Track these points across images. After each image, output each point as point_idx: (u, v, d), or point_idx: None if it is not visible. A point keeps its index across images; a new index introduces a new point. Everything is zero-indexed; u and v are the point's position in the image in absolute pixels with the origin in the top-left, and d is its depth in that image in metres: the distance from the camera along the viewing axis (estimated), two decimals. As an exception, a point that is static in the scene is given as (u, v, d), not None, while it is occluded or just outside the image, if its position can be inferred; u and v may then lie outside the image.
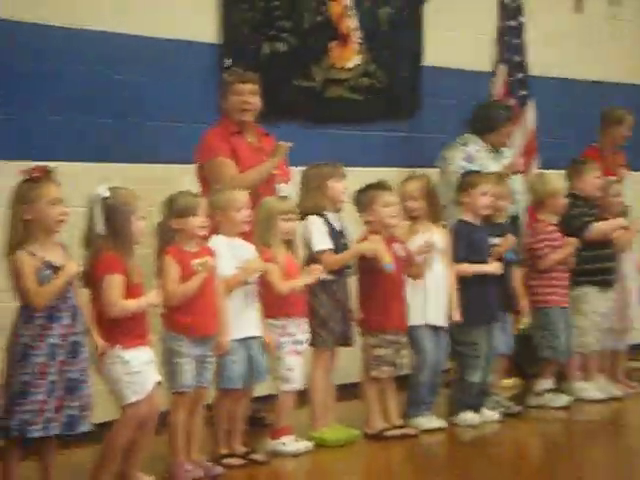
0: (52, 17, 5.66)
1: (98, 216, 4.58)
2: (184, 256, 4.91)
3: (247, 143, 5.83)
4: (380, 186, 5.76)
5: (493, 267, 6.07)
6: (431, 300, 5.87)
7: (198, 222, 4.94)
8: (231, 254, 5.15)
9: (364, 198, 5.74)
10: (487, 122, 6.77)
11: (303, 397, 5.55)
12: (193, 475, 4.89)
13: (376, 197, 5.69)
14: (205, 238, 5.04)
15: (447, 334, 5.98)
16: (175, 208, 4.95)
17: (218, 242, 5.14)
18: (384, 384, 5.75)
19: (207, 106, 6.17)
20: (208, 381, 5.00)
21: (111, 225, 4.59)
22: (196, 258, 4.91)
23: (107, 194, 4.60)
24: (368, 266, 5.64)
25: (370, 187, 5.77)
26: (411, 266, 5.78)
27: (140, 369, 4.60)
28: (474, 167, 6.59)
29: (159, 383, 4.70)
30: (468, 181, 6.17)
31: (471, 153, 6.70)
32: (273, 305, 5.29)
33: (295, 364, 5.35)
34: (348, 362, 5.84)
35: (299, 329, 5.39)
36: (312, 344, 5.51)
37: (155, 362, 4.73)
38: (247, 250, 5.23)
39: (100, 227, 4.58)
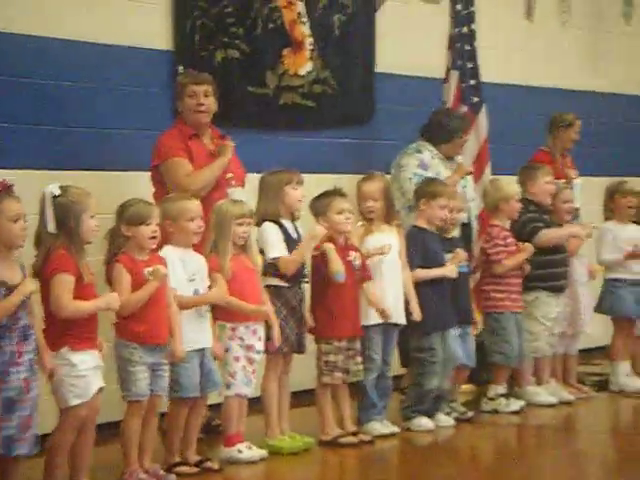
0: (4, 24, 5.62)
1: (49, 214, 4.54)
2: (135, 264, 4.89)
3: (203, 146, 5.82)
4: (335, 193, 5.77)
5: (448, 270, 6.10)
6: (389, 299, 5.88)
7: (149, 231, 4.92)
8: (182, 265, 5.13)
9: (319, 205, 5.75)
10: (442, 132, 6.80)
11: (257, 405, 5.54)
12: (146, 484, 4.87)
13: (331, 204, 5.70)
14: (156, 248, 5.01)
15: (397, 335, 6.00)
16: (127, 215, 4.92)
17: (169, 253, 5.11)
18: (337, 391, 5.76)
19: (161, 113, 6.15)
20: (162, 389, 4.97)
21: (62, 224, 4.56)
22: (147, 266, 4.88)
23: (58, 192, 4.56)
24: (321, 273, 5.64)
25: (325, 194, 5.78)
26: (364, 274, 5.79)
27: (86, 373, 4.57)
28: (428, 174, 6.63)
29: (101, 389, 4.66)
30: (430, 191, 6.20)
31: (425, 160, 6.73)
32: (223, 309, 5.28)
33: (239, 369, 5.32)
34: (302, 369, 5.85)
35: (252, 335, 5.38)
36: (266, 351, 5.50)
37: (102, 368, 4.69)
38: (198, 262, 5.21)
39: (51, 226, 4.54)
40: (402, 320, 5.95)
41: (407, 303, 5.97)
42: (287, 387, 5.65)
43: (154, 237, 4.93)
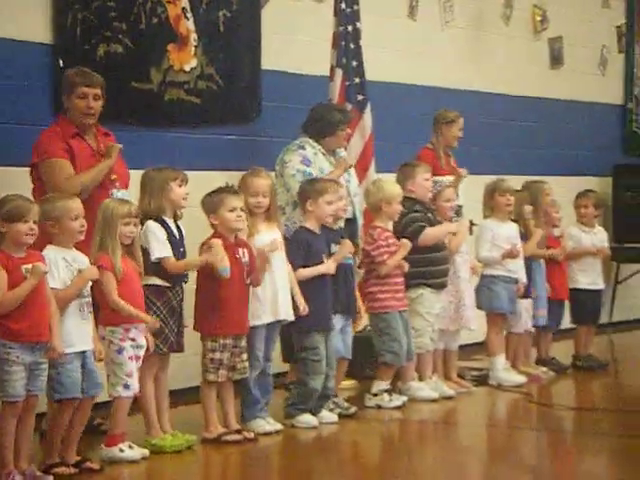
0: None
1: None
2: (11, 261, 4.78)
3: (87, 145, 5.73)
4: (227, 190, 5.75)
5: (326, 267, 6.13)
6: (281, 298, 5.89)
7: (26, 228, 4.81)
8: (65, 265, 5.04)
9: (211, 202, 5.72)
10: (322, 126, 6.83)
11: (136, 404, 5.49)
12: (22, 485, 4.78)
13: (223, 201, 5.68)
14: (34, 246, 4.91)
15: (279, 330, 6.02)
16: (3, 211, 4.82)
17: (52, 253, 5.02)
18: (222, 388, 5.74)
19: (40, 107, 6.04)
20: (40, 389, 4.88)
21: None
22: (25, 264, 4.79)
23: None
24: (208, 270, 5.62)
25: (217, 191, 5.76)
26: (253, 272, 5.80)
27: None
28: (312, 170, 6.66)
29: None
30: (314, 190, 6.21)
31: (308, 156, 6.75)
32: (114, 312, 5.23)
33: (135, 369, 5.28)
34: (182, 367, 5.81)
35: (140, 334, 5.33)
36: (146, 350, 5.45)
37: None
38: (82, 261, 5.13)
39: None
40: (290, 316, 5.97)
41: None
42: (165, 386, 5.61)
43: (31, 234, 4.83)
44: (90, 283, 5.13)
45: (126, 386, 5.26)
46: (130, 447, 5.30)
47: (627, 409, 6.74)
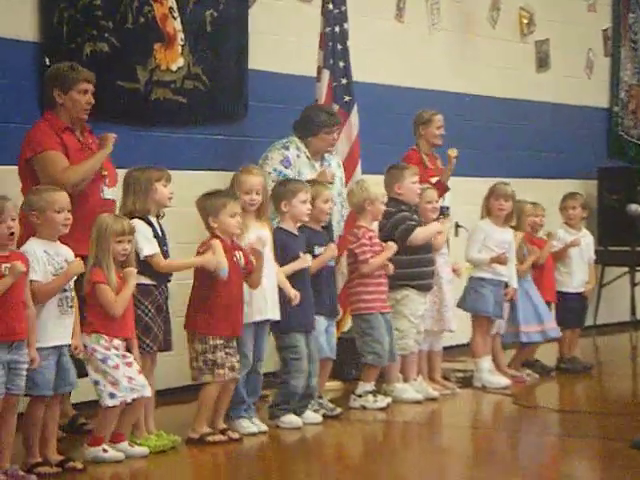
0: None
1: None
2: (-8, 260, 4.77)
3: (76, 139, 5.74)
4: (228, 195, 5.74)
5: (302, 261, 6.10)
6: (269, 297, 5.89)
7: (4, 228, 4.77)
8: (47, 258, 5.02)
9: (211, 204, 5.69)
10: (309, 126, 6.84)
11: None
12: (5, 485, 4.76)
13: (226, 206, 5.68)
14: (20, 240, 4.88)
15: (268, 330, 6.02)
16: None
17: (34, 246, 5.01)
18: (224, 388, 5.70)
19: (26, 105, 6.02)
20: (19, 388, 4.85)
21: None
22: (6, 262, 4.77)
23: None
24: (205, 272, 5.61)
25: (217, 194, 5.73)
26: (249, 274, 5.79)
27: None
28: (289, 172, 6.66)
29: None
30: (288, 189, 6.20)
31: (290, 157, 6.76)
32: (99, 319, 5.21)
33: (120, 377, 5.22)
34: (167, 367, 5.80)
35: (124, 348, 5.30)
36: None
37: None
38: (66, 254, 5.11)
39: None
40: (277, 316, 5.96)
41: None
42: (153, 386, 5.59)
43: (8, 234, 4.79)
44: (74, 278, 5.10)
45: (112, 395, 5.21)
46: (131, 445, 5.30)
47: (611, 412, 6.76)
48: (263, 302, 5.89)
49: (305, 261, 6.14)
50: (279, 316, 5.97)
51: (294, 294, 5.97)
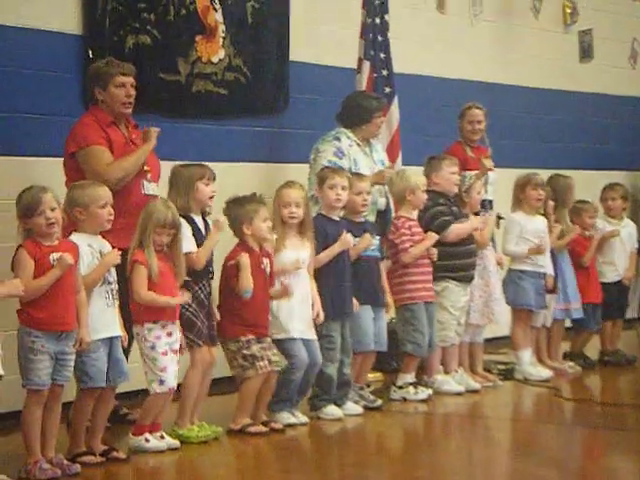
0: None
1: None
2: (40, 250, 4.81)
3: (121, 134, 5.76)
4: (258, 200, 5.74)
5: (341, 243, 6.07)
6: (296, 314, 5.89)
7: (43, 219, 4.81)
8: (90, 252, 5.06)
9: (244, 211, 5.69)
10: (359, 113, 6.81)
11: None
12: (49, 474, 4.79)
13: (259, 211, 5.69)
14: (59, 231, 4.90)
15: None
16: (18, 208, 4.85)
17: (78, 240, 5.03)
18: (265, 381, 5.72)
19: (70, 98, 6.07)
20: (66, 378, 4.90)
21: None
22: (55, 252, 4.82)
23: None
24: (231, 284, 5.63)
25: (246, 200, 5.72)
26: (273, 285, 5.80)
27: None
28: (343, 163, 6.65)
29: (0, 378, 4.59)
30: (319, 176, 6.25)
31: (342, 148, 6.75)
32: (146, 307, 5.24)
33: (169, 363, 5.28)
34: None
35: (176, 329, 5.35)
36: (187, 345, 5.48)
37: (1, 356, 4.61)
38: (106, 249, 5.15)
39: None
40: (305, 335, 5.93)
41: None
42: (210, 378, 5.65)
43: (50, 224, 4.83)
44: (114, 269, 5.13)
45: (161, 382, 5.27)
46: (161, 437, 5.32)
47: (654, 405, 6.71)
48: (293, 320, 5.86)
49: (346, 242, 6.12)
50: (312, 336, 5.92)
51: (321, 317, 5.95)
